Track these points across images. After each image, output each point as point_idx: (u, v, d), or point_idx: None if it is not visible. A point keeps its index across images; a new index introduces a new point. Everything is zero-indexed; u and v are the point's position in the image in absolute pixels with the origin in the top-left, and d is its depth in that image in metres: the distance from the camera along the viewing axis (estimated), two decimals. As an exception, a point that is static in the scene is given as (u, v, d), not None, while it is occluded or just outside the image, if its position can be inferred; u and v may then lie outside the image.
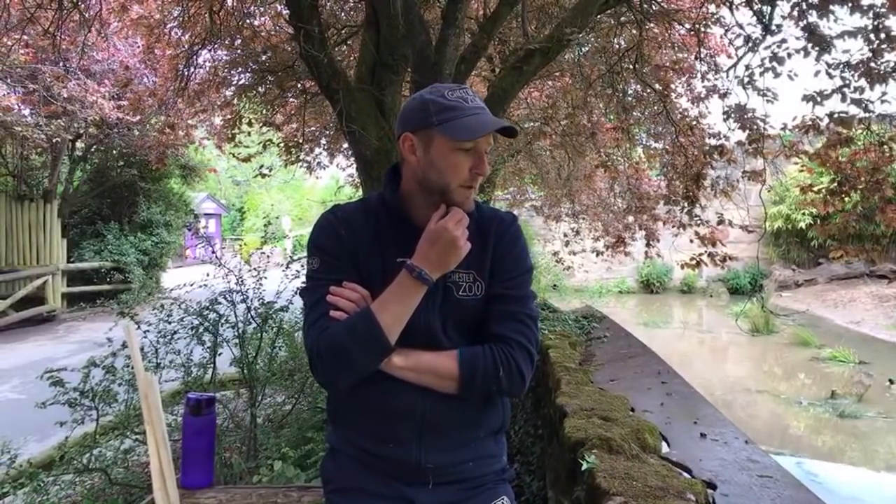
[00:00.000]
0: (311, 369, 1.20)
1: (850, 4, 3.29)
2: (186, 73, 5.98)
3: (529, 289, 1.26)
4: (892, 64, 3.37)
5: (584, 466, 1.52)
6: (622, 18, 5.06)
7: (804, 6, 3.48)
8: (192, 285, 3.91)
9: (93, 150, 12.16)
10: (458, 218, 1.14)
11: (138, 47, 8.52)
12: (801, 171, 10.54)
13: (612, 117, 6.52)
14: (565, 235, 9.25)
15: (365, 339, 1.13)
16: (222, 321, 3.45)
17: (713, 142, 5.38)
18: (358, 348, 1.13)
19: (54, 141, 9.80)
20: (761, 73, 3.88)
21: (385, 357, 1.15)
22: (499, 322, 1.20)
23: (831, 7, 3.37)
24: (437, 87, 1.21)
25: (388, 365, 1.16)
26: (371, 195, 1.30)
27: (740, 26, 4.30)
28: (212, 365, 3.45)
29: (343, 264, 1.20)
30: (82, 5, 4.94)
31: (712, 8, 4.84)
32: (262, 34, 6.09)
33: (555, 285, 14.88)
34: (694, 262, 5.59)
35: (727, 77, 4.48)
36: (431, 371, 1.17)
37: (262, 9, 6.07)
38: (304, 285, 1.26)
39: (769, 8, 3.75)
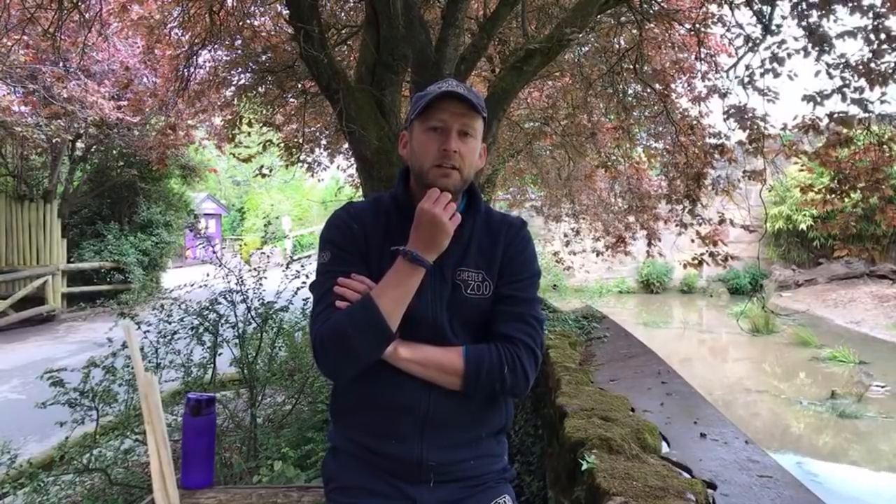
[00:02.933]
0: (315, 360, 1.21)
1: (850, 4, 3.29)
2: (186, 74, 5.98)
3: (536, 292, 1.28)
4: (892, 64, 3.37)
5: (584, 466, 1.52)
6: (622, 18, 5.05)
7: (804, 6, 3.48)
8: (192, 285, 3.91)
9: (93, 150, 12.16)
10: (434, 197, 1.15)
11: (138, 48, 8.52)
12: (802, 170, 10.55)
13: (612, 117, 6.51)
14: (565, 235, 9.25)
15: (365, 325, 1.13)
16: (222, 321, 3.45)
17: (713, 141, 5.38)
18: (359, 335, 1.13)
19: (54, 141, 9.81)
20: (762, 74, 3.88)
21: (387, 344, 1.16)
22: (505, 322, 1.21)
23: (831, 7, 3.36)
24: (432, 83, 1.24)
25: (395, 356, 1.17)
26: (384, 194, 1.32)
27: (740, 26, 4.30)
28: (212, 365, 3.45)
29: (353, 258, 1.22)
30: (82, 6, 4.94)
31: (713, 8, 4.84)
32: (262, 34, 6.09)
33: (555, 285, 14.88)
34: (696, 261, 5.61)
35: (727, 77, 4.49)
36: (437, 365, 1.18)
37: (262, 9, 6.07)
38: (314, 279, 1.27)
39: (769, 8, 3.75)
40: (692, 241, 6.05)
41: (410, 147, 1.24)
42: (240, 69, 6.54)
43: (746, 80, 4.02)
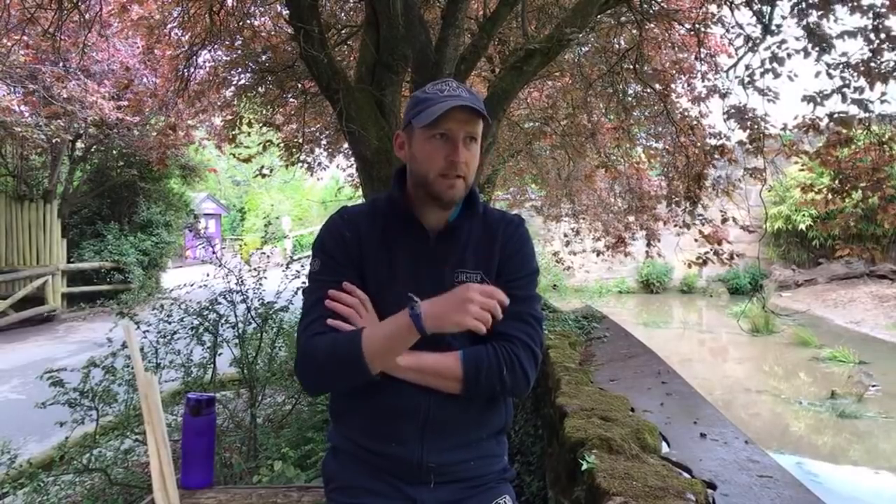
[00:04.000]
0: (296, 374, 1.20)
1: (850, 4, 3.29)
2: (186, 74, 5.98)
3: (535, 290, 1.26)
4: (892, 64, 3.37)
5: (584, 466, 1.52)
6: (622, 18, 5.05)
7: (804, 6, 3.48)
8: (192, 285, 3.91)
9: (93, 150, 12.16)
10: (488, 290, 1.09)
11: (138, 48, 8.52)
12: (802, 170, 10.55)
13: (612, 117, 6.51)
14: (565, 235, 9.25)
15: (346, 359, 1.13)
16: (222, 321, 3.45)
17: (714, 141, 5.38)
18: (338, 366, 1.13)
19: (54, 141, 9.80)
20: (762, 75, 3.88)
21: (363, 380, 1.15)
22: (503, 321, 1.18)
23: (831, 7, 3.37)
24: (429, 83, 1.23)
25: (393, 366, 1.17)
26: (379, 196, 1.31)
27: (740, 26, 4.30)
28: (212, 365, 3.45)
29: (343, 268, 1.20)
30: (82, 6, 4.93)
31: (712, 8, 4.84)
32: (262, 34, 6.09)
33: (555, 285, 14.88)
34: (700, 260, 5.60)
35: (727, 77, 4.49)
36: (435, 372, 1.17)
37: (262, 9, 6.07)
38: (304, 285, 1.27)
39: (769, 8, 3.75)
40: (695, 240, 6.05)
41: (410, 151, 1.22)
42: (240, 69, 6.54)
43: (746, 80, 4.02)
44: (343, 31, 5.71)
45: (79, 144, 11.75)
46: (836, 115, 3.67)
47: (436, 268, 1.21)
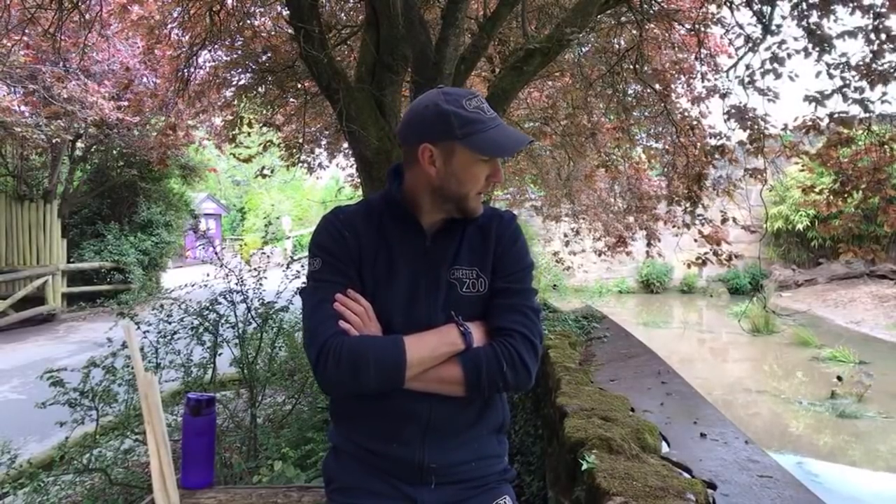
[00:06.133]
0: (316, 369, 1.15)
1: (851, 5, 3.29)
2: (186, 74, 5.98)
3: (531, 284, 1.27)
4: (892, 63, 3.37)
5: (584, 466, 1.52)
6: (622, 18, 5.06)
7: (804, 6, 3.48)
8: (192, 285, 3.91)
9: (93, 150, 12.16)
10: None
11: (138, 48, 8.52)
12: (802, 170, 10.55)
13: (612, 117, 6.51)
14: (565, 235, 9.25)
15: (386, 367, 1.12)
16: (222, 321, 3.45)
17: (714, 141, 5.38)
18: (376, 371, 1.12)
19: (54, 141, 9.80)
20: (762, 75, 3.88)
21: (396, 387, 1.15)
22: (500, 315, 1.20)
23: (831, 7, 3.37)
24: (450, 94, 1.18)
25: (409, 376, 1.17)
26: (373, 197, 1.30)
27: (740, 26, 4.30)
28: (212, 365, 3.45)
29: (346, 267, 1.19)
30: (82, 6, 4.93)
31: (712, 8, 4.84)
32: (262, 34, 6.10)
33: (555, 285, 14.87)
34: (700, 260, 5.60)
35: (727, 77, 4.49)
36: (436, 379, 1.17)
37: (262, 9, 6.07)
38: (303, 285, 1.26)
39: (769, 8, 3.75)
40: (695, 240, 6.05)
41: (447, 169, 1.17)
42: (240, 69, 6.55)
43: (747, 80, 4.03)
44: (343, 31, 5.71)
45: (79, 144, 11.75)
46: (836, 116, 3.67)
47: (433, 266, 1.21)
